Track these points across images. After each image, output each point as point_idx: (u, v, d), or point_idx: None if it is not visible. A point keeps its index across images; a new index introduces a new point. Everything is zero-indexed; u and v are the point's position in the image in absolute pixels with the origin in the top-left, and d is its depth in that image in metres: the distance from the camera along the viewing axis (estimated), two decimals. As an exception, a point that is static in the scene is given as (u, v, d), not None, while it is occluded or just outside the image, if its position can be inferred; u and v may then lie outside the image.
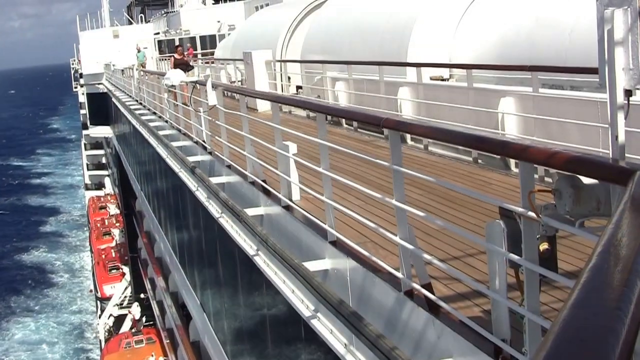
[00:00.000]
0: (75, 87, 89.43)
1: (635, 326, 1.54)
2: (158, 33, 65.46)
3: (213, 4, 70.29)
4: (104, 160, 79.73)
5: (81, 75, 72.02)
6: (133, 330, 40.57)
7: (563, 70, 12.47)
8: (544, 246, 4.47)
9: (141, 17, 77.51)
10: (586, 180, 4.05)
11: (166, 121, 21.99)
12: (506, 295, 4.83)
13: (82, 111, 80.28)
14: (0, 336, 53.70)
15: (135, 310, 43.05)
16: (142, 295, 42.70)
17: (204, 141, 15.60)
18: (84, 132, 78.73)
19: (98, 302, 50.30)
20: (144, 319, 41.86)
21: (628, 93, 4.44)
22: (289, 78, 25.88)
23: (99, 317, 47.99)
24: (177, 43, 60.35)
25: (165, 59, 50.30)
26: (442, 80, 16.97)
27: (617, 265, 1.84)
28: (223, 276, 14.79)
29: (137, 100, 32.28)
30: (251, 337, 12.99)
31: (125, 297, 46.71)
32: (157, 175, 24.79)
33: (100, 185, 77.09)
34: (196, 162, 15.79)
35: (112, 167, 66.39)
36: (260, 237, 9.71)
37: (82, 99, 77.42)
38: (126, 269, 47.98)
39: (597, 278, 1.80)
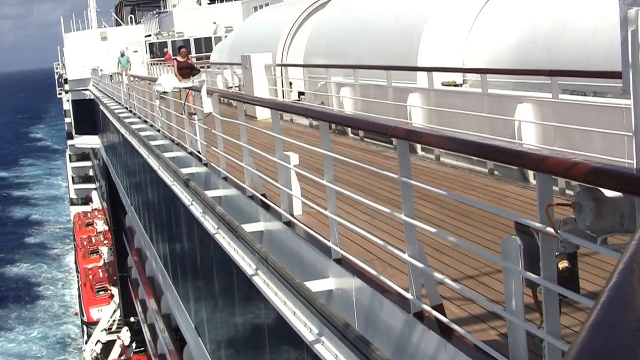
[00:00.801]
0: (60, 94, 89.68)
1: (658, 349, 1.55)
2: (149, 35, 65.69)
3: (208, 4, 70.55)
4: (91, 173, 79.84)
5: (66, 81, 72.28)
6: (122, 358, 40.56)
7: (585, 74, 12.48)
8: (563, 264, 4.47)
9: (131, 17, 77.85)
10: (609, 192, 4.06)
11: (158, 130, 22.04)
12: (524, 317, 4.84)
13: (67, 119, 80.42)
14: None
15: (125, 335, 43.00)
16: (132, 319, 42.67)
17: (198, 152, 15.64)
18: (69, 142, 78.88)
19: (84, 326, 50.29)
20: (134, 344, 41.82)
21: (654, 99, 4.46)
22: (291, 83, 25.94)
23: (85, 343, 47.94)
24: (169, 46, 60.72)
25: (157, 64, 50.46)
26: (455, 85, 17.01)
27: (640, 283, 1.85)
28: (219, 297, 14.80)
29: (126, 108, 32.38)
30: (250, 363, 12.98)
31: (114, 321, 46.68)
32: (148, 189, 24.83)
33: (87, 200, 77.19)
34: (190, 174, 15.83)
35: (100, 180, 66.51)
36: (259, 255, 9.72)
37: (67, 106, 77.57)
38: (115, 290, 47.98)
39: (617, 297, 1.81)
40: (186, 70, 24.12)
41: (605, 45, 12.77)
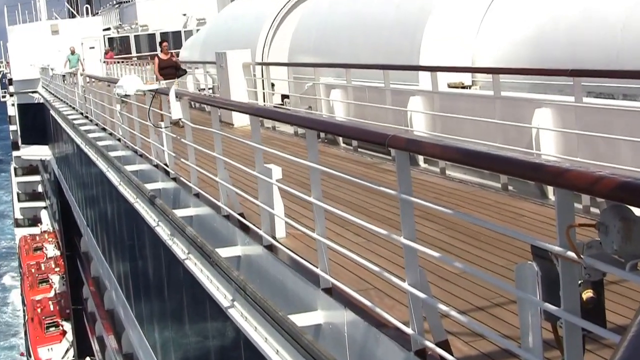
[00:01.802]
0: (4, 96, 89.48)
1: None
2: (109, 29, 65.70)
3: (178, -8, 70.55)
4: (40, 189, 79.50)
5: (10, 82, 72.19)
6: (77, 403, 40.39)
7: (612, 74, 12.56)
8: (587, 294, 4.49)
9: (87, 8, 77.78)
10: (639, 211, 4.08)
11: (119, 139, 22.02)
12: (542, 355, 4.85)
13: (12, 127, 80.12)
14: None
15: (80, 378, 42.85)
16: (88, 359, 42.50)
17: (166, 164, 15.63)
18: (15, 153, 78.60)
19: (32, 368, 50.02)
20: (90, 389, 41.68)
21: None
22: (273, 85, 25.99)
23: (33, 388, 47.74)
24: (131, 41, 60.71)
25: (117, 62, 50.45)
26: (463, 87, 17.07)
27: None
28: (190, 333, 14.77)
29: (82, 114, 32.34)
30: (225, 410, 12.95)
31: (67, 361, 46.49)
32: (107, 207, 24.78)
33: (35, 221, 76.83)
34: (156, 190, 15.80)
35: (51, 198, 66.25)
36: (236, 284, 9.71)
37: (12, 111, 77.35)
38: (68, 326, 47.78)
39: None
40: (169, 70, 23.62)
41: (635, 41, 12.85)
